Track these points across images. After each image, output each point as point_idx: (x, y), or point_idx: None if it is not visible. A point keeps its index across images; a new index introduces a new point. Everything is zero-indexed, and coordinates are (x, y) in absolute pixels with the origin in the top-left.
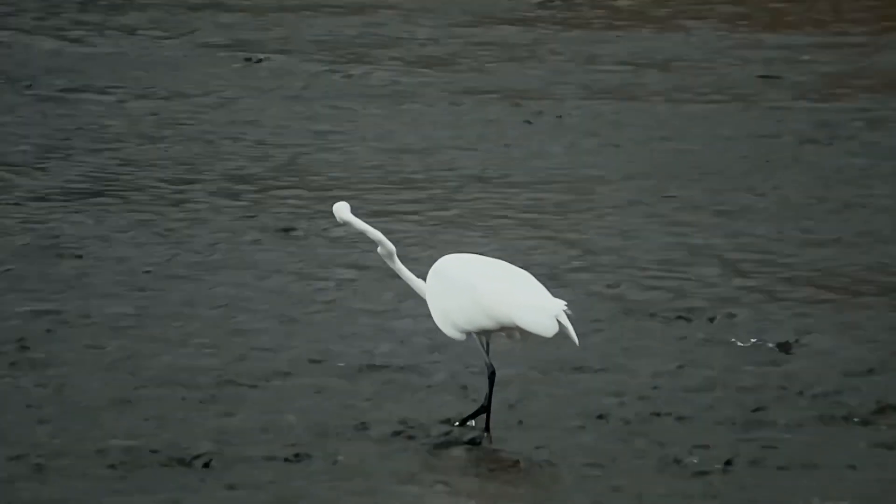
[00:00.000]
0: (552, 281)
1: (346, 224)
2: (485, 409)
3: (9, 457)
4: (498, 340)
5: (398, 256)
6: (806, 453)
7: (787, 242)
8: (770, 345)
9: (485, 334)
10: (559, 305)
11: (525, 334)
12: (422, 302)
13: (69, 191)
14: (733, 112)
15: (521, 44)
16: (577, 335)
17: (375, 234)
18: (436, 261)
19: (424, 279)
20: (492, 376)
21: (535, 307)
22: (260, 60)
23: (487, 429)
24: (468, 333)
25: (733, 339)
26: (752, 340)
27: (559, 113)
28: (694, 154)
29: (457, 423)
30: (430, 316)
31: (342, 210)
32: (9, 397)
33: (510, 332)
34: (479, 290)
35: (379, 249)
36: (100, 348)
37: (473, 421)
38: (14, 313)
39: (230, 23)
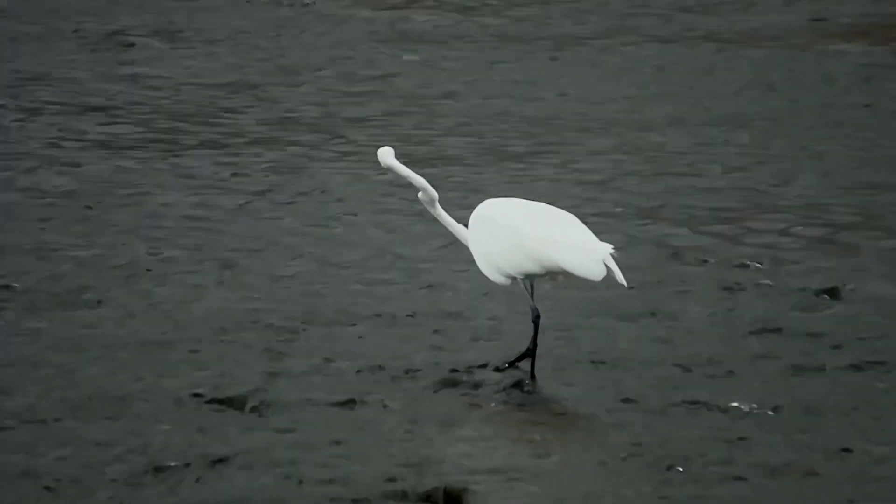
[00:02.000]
0: (598, 227)
1: (389, 169)
2: (530, 352)
3: (55, 397)
4: (542, 284)
5: (440, 203)
6: (854, 398)
7: (837, 188)
8: (818, 290)
9: (529, 278)
10: (606, 249)
11: (571, 278)
12: (464, 248)
13: (113, 136)
14: (783, 56)
15: None
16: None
17: (418, 179)
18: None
19: (466, 226)
20: (536, 320)
21: (582, 250)
22: (306, 4)
23: (533, 373)
24: (512, 278)
25: (781, 285)
26: (800, 286)
27: (602, 57)
28: (743, 99)
29: (502, 368)
30: (473, 261)
31: (386, 155)
32: (56, 339)
33: (555, 275)
34: (523, 234)
35: (420, 195)
36: (145, 292)
37: (519, 365)
38: (63, 257)
39: None
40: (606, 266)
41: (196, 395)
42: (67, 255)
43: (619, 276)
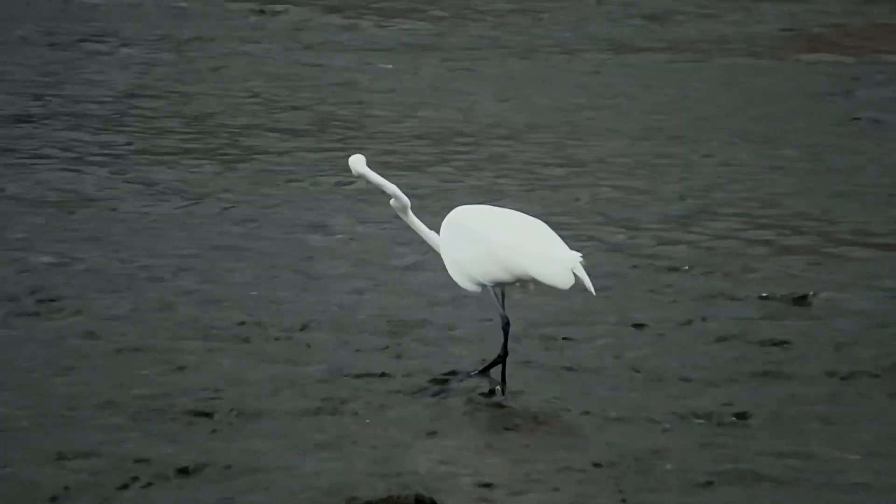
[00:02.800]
0: (567, 234)
1: (361, 177)
2: (501, 360)
3: (29, 406)
4: (513, 292)
5: (412, 209)
6: (820, 406)
7: (804, 196)
8: (786, 298)
9: (500, 286)
10: (575, 257)
11: (541, 286)
12: (436, 255)
13: (85, 143)
14: (752, 66)
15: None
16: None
17: (390, 187)
18: (449, 212)
19: (438, 232)
20: (506, 327)
21: (551, 259)
22: (277, 13)
23: (503, 380)
24: (483, 285)
25: (749, 293)
26: (768, 294)
27: (571, 67)
28: (712, 108)
29: (473, 375)
30: (444, 269)
31: (358, 163)
32: (28, 347)
33: (525, 283)
34: (494, 242)
35: (392, 202)
36: (115, 301)
37: (489, 372)
38: (33, 264)
39: None
40: (575, 274)
41: (166, 404)
42: (35, 264)
43: (588, 284)
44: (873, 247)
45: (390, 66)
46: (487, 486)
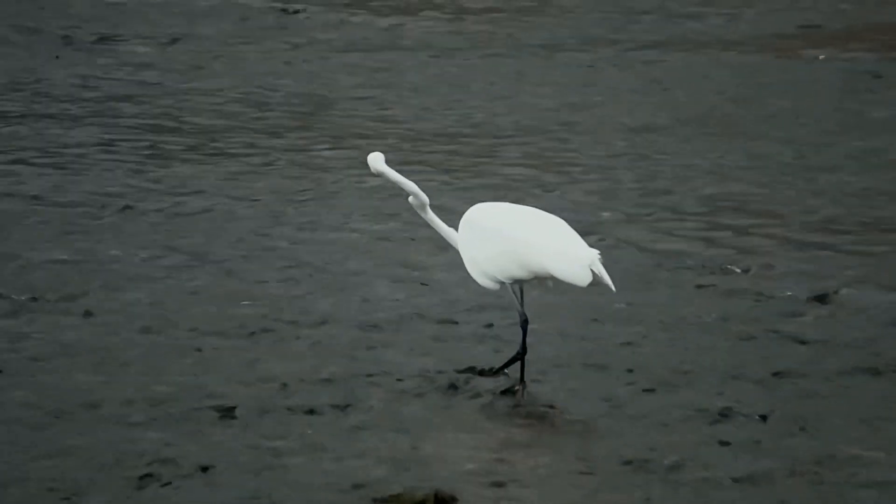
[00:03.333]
0: (585, 230)
1: (380, 175)
2: (519, 357)
3: (46, 403)
4: (531, 289)
5: (430, 207)
6: (842, 405)
7: (825, 193)
8: (806, 296)
9: (518, 283)
10: (593, 254)
11: (559, 283)
12: (454, 252)
13: (107, 142)
14: (771, 62)
15: None
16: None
17: (409, 184)
18: (467, 210)
19: (456, 229)
20: (525, 325)
21: (569, 256)
22: (297, 11)
23: (522, 378)
24: (501, 283)
25: (770, 291)
26: (789, 292)
27: (591, 63)
28: (731, 104)
29: (491, 373)
30: (462, 266)
31: (377, 161)
32: (45, 344)
33: (543, 281)
34: (511, 240)
35: (411, 200)
36: (134, 298)
37: (507, 370)
38: (50, 261)
39: None
40: (594, 271)
41: (186, 401)
42: (55, 261)
43: (608, 281)
44: (893, 243)
45: (410, 65)
46: (505, 483)
